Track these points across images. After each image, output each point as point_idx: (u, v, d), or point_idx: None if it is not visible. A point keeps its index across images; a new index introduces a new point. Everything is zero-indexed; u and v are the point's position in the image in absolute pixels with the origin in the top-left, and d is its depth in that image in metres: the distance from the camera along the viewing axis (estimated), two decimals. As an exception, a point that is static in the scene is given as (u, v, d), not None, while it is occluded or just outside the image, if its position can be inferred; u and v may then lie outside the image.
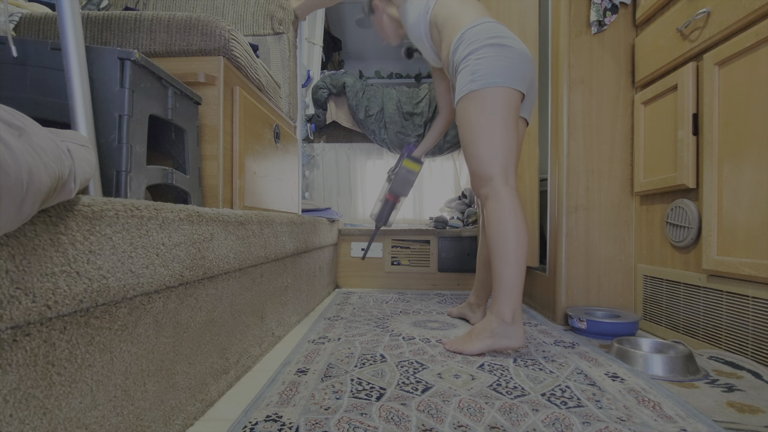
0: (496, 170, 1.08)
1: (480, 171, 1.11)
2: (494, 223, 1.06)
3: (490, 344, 1.03)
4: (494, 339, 1.03)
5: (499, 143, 1.08)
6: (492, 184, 1.08)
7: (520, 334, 1.02)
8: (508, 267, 1.03)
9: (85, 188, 0.58)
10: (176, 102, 0.82)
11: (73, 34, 0.59)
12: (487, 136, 1.08)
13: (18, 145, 0.32)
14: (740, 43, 0.97)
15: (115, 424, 0.52)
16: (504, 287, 1.03)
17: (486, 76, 1.08)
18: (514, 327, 1.02)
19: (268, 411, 0.72)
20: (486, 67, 1.08)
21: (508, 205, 1.05)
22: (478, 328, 1.07)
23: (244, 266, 0.90)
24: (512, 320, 1.02)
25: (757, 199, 0.94)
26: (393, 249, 2.24)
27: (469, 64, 1.11)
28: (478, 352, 1.04)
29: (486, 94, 1.08)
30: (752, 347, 0.97)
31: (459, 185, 2.81)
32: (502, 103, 1.08)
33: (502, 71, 1.08)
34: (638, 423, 0.69)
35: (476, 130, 1.10)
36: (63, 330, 0.44)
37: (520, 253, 1.03)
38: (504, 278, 1.03)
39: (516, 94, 1.11)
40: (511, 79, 1.09)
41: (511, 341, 1.02)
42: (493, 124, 1.08)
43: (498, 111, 1.08)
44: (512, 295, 1.02)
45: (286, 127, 1.51)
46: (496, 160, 1.08)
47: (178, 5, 1.56)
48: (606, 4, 1.39)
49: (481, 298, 1.43)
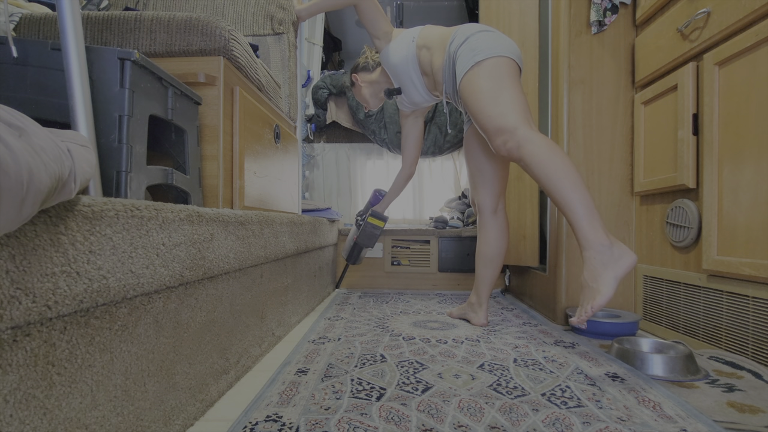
0: (519, 119, 1.06)
1: (502, 125, 1.07)
2: (541, 161, 0.99)
3: (614, 276, 0.89)
4: (611, 269, 0.89)
5: (514, 98, 1.09)
6: (519, 132, 1.04)
7: (627, 250, 0.91)
8: (577, 191, 0.95)
9: (85, 188, 0.58)
10: (176, 102, 0.82)
11: (73, 34, 0.59)
12: (500, 93, 1.10)
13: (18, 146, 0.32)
14: (740, 43, 0.97)
15: (115, 424, 0.52)
16: (584, 212, 0.94)
17: (487, 50, 1.14)
18: (615, 246, 0.91)
19: (269, 411, 0.72)
20: (485, 42, 1.15)
21: (544, 141, 1.01)
22: (588, 276, 0.92)
23: (244, 266, 0.90)
24: (609, 241, 0.91)
25: (757, 199, 0.94)
26: (393, 249, 2.24)
27: (469, 45, 1.16)
28: (613, 292, 0.88)
29: (491, 62, 1.13)
30: (752, 347, 0.97)
31: (459, 185, 2.81)
32: (507, 69, 1.13)
33: (501, 47, 1.15)
34: (638, 423, 0.69)
35: (487, 92, 1.11)
36: (63, 330, 0.44)
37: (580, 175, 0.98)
38: (580, 203, 0.94)
39: (517, 66, 1.16)
40: (511, 53, 1.15)
41: (625, 260, 0.90)
42: (503, 85, 1.11)
43: (505, 75, 1.12)
44: (595, 216, 0.94)
45: (286, 127, 1.51)
46: (515, 112, 1.07)
47: (178, 5, 1.56)
48: (606, 4, 1.39)
49: (482, 296, 1.41)
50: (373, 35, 1.42)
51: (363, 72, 1.58)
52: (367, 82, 1.56)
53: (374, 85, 1.55)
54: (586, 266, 0.93)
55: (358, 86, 1.59)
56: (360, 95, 1.60)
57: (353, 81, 1.60)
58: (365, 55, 1.59)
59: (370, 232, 1.80)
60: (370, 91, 1.56)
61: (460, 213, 2.46)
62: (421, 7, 3.19)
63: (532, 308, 1.70)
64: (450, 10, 3.20)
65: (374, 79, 1.55)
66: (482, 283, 1.41)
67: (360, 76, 1.58)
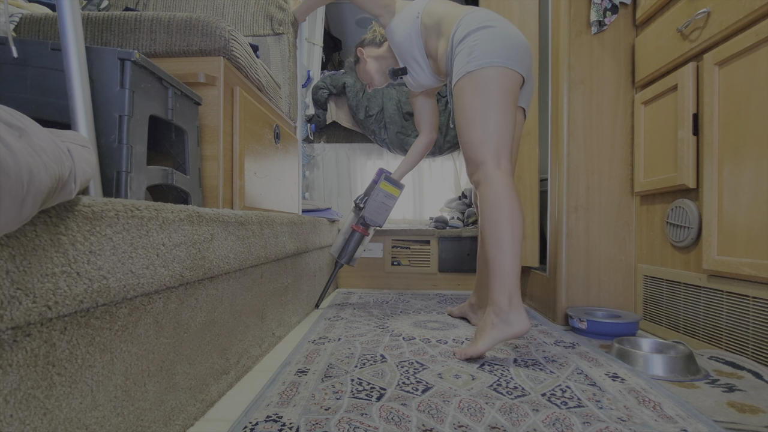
0: (488, 154, 1.05)
1: (472, 155, 1.08)
2: (485, 207, 1.03)
3: (495, 336, 0.97)
4: (497, 330, 0.97)
5: (493, 127, 1.06)
6: (483, 168, 1.06)
7: (523, 319, 0.96)
8: (500, 252, 0.98)
9: (85, 189, 0.58)
10: (176, 102, 0.82)
11: (73, 34, 0.59)
12: (481, 119, 1.06)
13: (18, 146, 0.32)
14: (740, 43, 0.97)
15: (116, 424, 0.52)
16: (497, 274, 0.99)
17: (483, 56, 1.07)
18: (513, 312, 0.96)
19: (269, 411, 0.72)
20: (483, 47, 1.07)
21: (499, 188, 1.02)
22: (479, 326, 1.03)
23: (244, 266, 0.90)
24: (509, 306, 0.97)
25: (757, 199, 0.94)
26: (393, 249, 2.24)
27: (467, 45, 1.10)
28: (486, 349, 0.98)
29: (482, 74, 1.07)
30: (752, 347, 0.97)
31: (459, 185, 2.81)
32: (498, 83, 1.06)
33: (500, 51, 1.07)
34: (639, 423, 0.69)
35: (470, 114, 1.08)
36: (63, 330, 0.44)
37: (514, 237, 0.99)
38: (497, 265, 0.99)
39: (514, 75, 1.09)
40: (508, 59, 1.07)
41: (514, 328, 0.96)
42: (488, 106, 1.06)
43: (494, 92, 1.06)
44: (506, 281, 0.98)
45: (286, 127, 1.51)
46: (488, 144, 1.05)
47: (178, 6, 1.56)
48: (606, 4, 1.39)
49: (482, 298, 1.40)
50: (374, 15, 1.35)
51: (370, 46, 1.48)
52: (374, 57, 1.46)
53: (381, 61, 1.46)
54: (483, 318, 1.03)
55: (363, 61, 1.49)
56: (364, 72, 1.50)
57: (358, 56, 1.50)
58: (373, 29, 1.50)
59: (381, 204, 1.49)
60: (376, 66, 1.46)
61: (460, 213, 2.46)
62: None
63: (532, 308, 1.70)
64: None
65: (381, 53, 1.45)
66: (483, 286, 1.39)
67: (366, 50, 1.48)
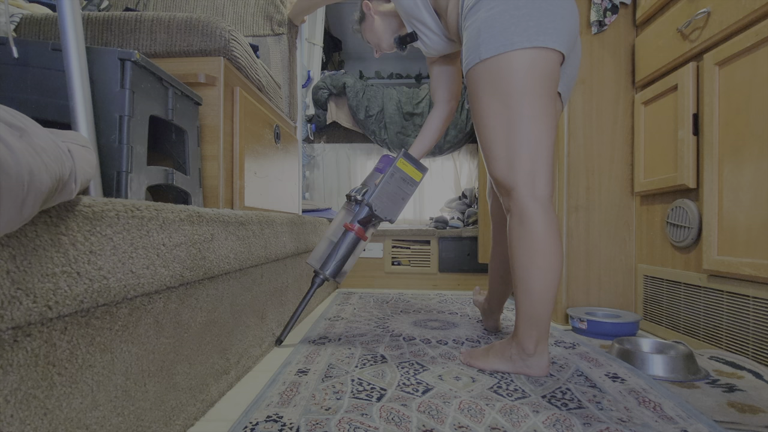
0: (520, 177, 0.83)
1: (499, 177, 0.86)
2: (517, 247, 0.85)
3: (508, 368, 0.91)
4: (513, 365, 0.91)
5: (523, 139, 0.81)
6: (515, 197, 0.84)
7: (543, 365, 0.89)
8: (530, 300, 0.85)
9: (85, 189, 0.58)
10: (177, 102, 0.82)
11: (73, 34, 0.59)
12: (504, 129, 0.82)
13: (19, 146, 0.32)
14: (740, 43, 0.97)
15: (116, 424, 0.52)
16: (526, 319, 0.86)
17: (498, 35, 0.78)
18: (536, 357, 0.89)
19: (269, 411, 0.72)
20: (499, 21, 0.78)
21: (535, 228, 0.82)
22: (497, 346, 0.95)
23: (244, 266, 0.90)
24: (534, 351, 0.88)
25: (757, 199, 0.94)
26: (393, 249, 2.24)
27: (479, 15, 0.81)
28: (491, 370, 0.93)
29: (502, 63, 0.79)
30: (753, 347, 0.97)
31: (459, 185, 2.81)
32: (525, 75, 0.79)
33: (524, 23, 0.77)
34: (639, 424, 0.69)
35: (490, 122, 0.84)
36: (64, 330, 0.44)
37: (549, 285, 0.84)
38: (526, 310, 0.86)
39: (549, 55, 0.79)
40: (537, 32, 0.77)
41: (531, 370, 0.89)
42: (514, 110, 0.80)
43: (520, 89, 0.79)
44: (538, 326, 0.86)
45: (286, 127, 1.51)
46: (518, 164, 0.82)
47: (179, 6, 1.56)
48: (606, 4, 1.39)
49: (494, 306, 1.28)
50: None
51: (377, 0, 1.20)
52: (382, 13, 1.18)
53: (389, 19, 1.17)
54: (506, 343, 0.93)
55: (369, 18, 1.20)
56: (371, 31, 1.21)
57: (364, 11, 1.21)
58: None
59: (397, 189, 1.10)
60: (384, 25, 1.17)
61: (460, 213, 2.46)
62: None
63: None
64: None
65: (390, 9, 1.17)
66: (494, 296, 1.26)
67: (373, 4, 1.19)
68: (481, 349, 0.99)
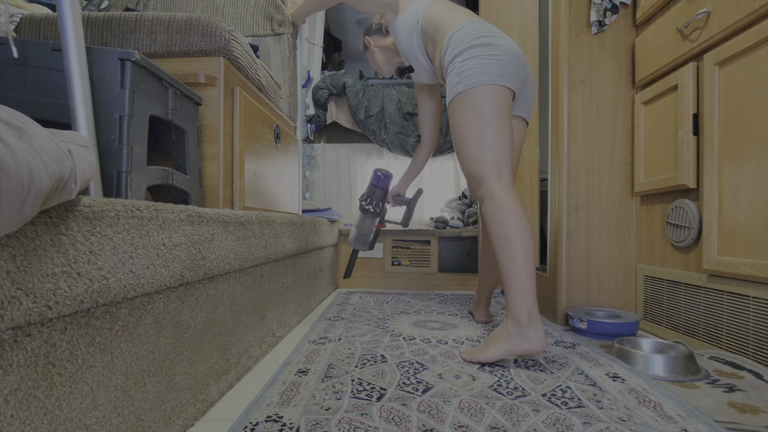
0: (488, 169, 1.06)
1: (472, 172, 1.09)
2: (493, 223, 1.02)
3: (508, 348, 0.95)
4: (511, 343, 0.95)
5: (489, 142, 1.06)
6: (485, 184, 1.06)
7: (541, 336, 0.94)
8: (514, 266, 0.97)
9: (85, 189, 0.58)
10: (177, 102, 0.82)
11: (73, 35, 0.59)
12: (476, 136, 1.07)
13: (19, 146, 0.32)
14: (740, 43, 0.97)
15: (116, 424, 0.52)
16: (514, 288, 0.97)
17: (471, 76, 1.08)
18: (531, 328, 0.94)
19: (269, 411, 0.72)
20: (471, 67, 1.08)
21: (504, 202, 1.02)
22: (494, 334, 1.01)
23: (244, 267, 0.90)
24: (528, 321, 0.94)
25: (757, 199, 0.94)
26: (393, 249, 2.24)
27: (455, 66, 1.10)
28: (496, 359, 0.96)
29: (472, 94, 1.08)
30: (753, 347, 0.96)
31: (459, 185, 2.81)
32: (489, 101, 1.07)
33: (488, 69, 1.07)
34: (639, 423, 0.69)
35: (465, 132, 1.09)
36: (64, 330, 0.44)
37: (526, 249, 0.98)
38: (512, 279, 0.97)
39: (504, 90, 1.09)
40: (497, 76, 1.08)
41: (530, 344, 0.93)
42: (482, 123, 1.07)
43: (486, 109, 1.07)
44: (524, 294, 0.96)
45: (286, 127, 1.51)
46: (486, 159, 1.06)
47: (179, 6, 1.56)
48: (606, 4, 1.39)
49: (482, 297, 1.44)
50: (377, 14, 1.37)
51: (376, 35, 1.48)
52: (380, 47, 1.47)
53: (387, 52, 1.47)
54: (500, 326, 1.00)
55: (371, 50, 1.51)
56: (373, 60, 1.53)
57: (366, 44, 1.51)
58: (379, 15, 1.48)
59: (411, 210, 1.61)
60: (383, 57, 1.48)
61: (460, 213, 2.46)
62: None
63: (532, 308, 1.70)
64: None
65: (387, 44, 1.46)
66: (483, 285, 1.43)
67: (373, 39, 1.48)
68: (480, 346, 1.04)
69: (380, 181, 1.56)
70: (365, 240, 1.63)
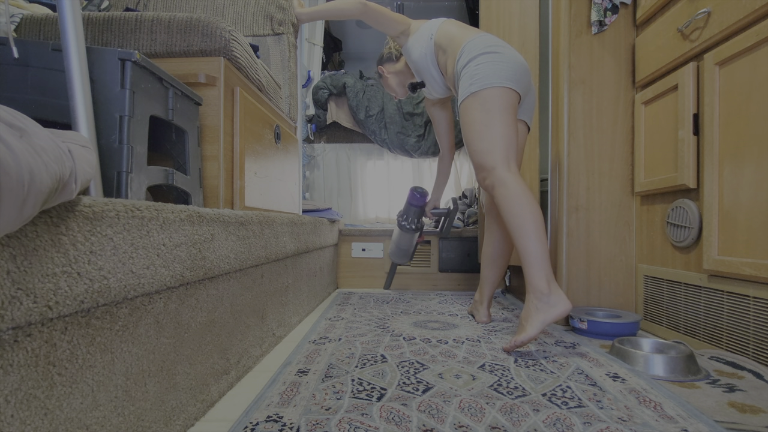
0: (498, 159, 1.15)
1: (483, 162, 1.18)
2: (507, 206, 1.10)
3: (542, 319, 1.02)
4: (542, 313, 1.02)
5: (498, 135, 1.16)
6: (495, 173, 1.14)
7: (563, 299, 1.03)
8: (530, 240, 1.06)
9: (85, 189, 0.58)
10: (177, 103, 0.82)
11: (74, 35, 0.59)
12: (487, 129, 1.17)
13: (19, 146, 0.32)
14: (741, 43, 0.97)
15: (116, 424, 0.52)
16: (531, 260, 1.05)
17: (484, 78, 1.18)
18: (553, 294, 1.03)
19: (269, 411, 0.72)
20: (483, 71, 1.19)
21: (515, 187, 1.11)
22: (523, 314, 1.08)
23: (244, 267, 0.90)
24: (548, 289, 1.04)
25: (757, 199, 0.94)
26: (393, 249, 2.24)
27: (469, 70, 1.21)
28: (536, 333, 1.02)
29: (484, 94, 1.18)
30: (753, 347, 0.96)
31: (459, 185, 2.81)
32: (498, 100, 1.18)
33: (499, 73, 1.18)
34: (639, 423, 0.69)
35: (476, 127, 1.19)
36: (64, 330, 0.44)
37: (539, 225, 1.07)
38: (529, 252, 1.06)
39: (512, 93, 1.20)
40: (506, 79, 1.18)
41: (557, 308, 1.02)
42: (492, 118, 1.17)
43: (495, 107, 1.17)
44: (541, 265, 1.05)
45: (286, 127, 1.51)
46: (497, 150, 1.15)
47: (179, 6, 1.56)
48: (606, 4, 1.39)
49: (484, 295, 1.45)
50: (391, 37, 1.47)
51: (388, 63, 1.60)
52: (393, 73, 1.59)
53: (400, 75, 1.58)
54: (525, 306, 1.08)
55: (385, 78, 1.63)
56: (388, 86, 1.64)
57: (380, 73, 1.64)
58: (388, 45, 1.62)
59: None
60: (397, 81, 1.59)
61: (460, 213, 2.46)
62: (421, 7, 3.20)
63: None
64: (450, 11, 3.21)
65: (400, 69, 1.57)
66: (485, 283, 1.45)
67: (386, 67, 1.61)
68: (516, 332, 1.09)
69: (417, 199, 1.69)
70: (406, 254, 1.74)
